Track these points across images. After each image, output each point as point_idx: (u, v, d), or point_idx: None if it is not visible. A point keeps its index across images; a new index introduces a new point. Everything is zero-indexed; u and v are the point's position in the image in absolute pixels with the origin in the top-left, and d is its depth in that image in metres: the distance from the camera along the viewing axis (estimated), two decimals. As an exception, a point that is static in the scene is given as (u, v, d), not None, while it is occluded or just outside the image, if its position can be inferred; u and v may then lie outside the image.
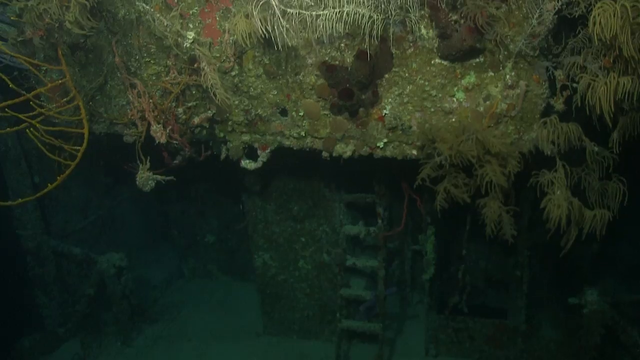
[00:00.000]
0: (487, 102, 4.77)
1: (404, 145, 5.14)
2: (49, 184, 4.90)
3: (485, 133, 4.19)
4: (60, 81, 4.82)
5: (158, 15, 4.57)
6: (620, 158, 4.47)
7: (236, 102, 5.34)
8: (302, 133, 5.33)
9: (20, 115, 4.78)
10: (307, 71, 5.02)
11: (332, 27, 4.08)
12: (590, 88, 3.80)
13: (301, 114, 5.23)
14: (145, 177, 5.47)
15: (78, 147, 4.91)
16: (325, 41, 4.48)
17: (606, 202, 4.42)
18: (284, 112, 5.33)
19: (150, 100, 5.18)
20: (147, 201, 9.09)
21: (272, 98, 5.25)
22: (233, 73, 5.17)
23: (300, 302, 7.86)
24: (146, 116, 5.18)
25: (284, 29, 3.71)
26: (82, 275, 8.32)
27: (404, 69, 4.84)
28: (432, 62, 4.77)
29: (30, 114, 4.82)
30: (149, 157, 5.42)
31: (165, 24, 4.44)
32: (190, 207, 9.43)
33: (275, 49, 4.13)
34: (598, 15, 3.56)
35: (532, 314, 7.33)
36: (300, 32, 3.96)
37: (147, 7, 4.62)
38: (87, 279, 8.19)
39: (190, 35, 4.47)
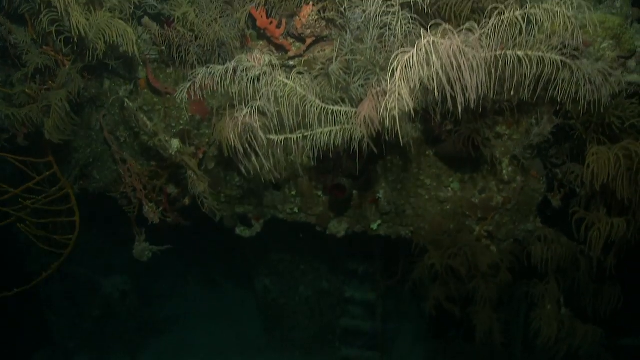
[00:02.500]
0: (483, 195, 4.65)
1: (398, 226, 5.08)
2: (43, 272, 4.93)
3: (476, 249, 4.12)
4: (48, 173, 4.71)
5: (142, 116, 4.41)
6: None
7: (228, 178, 5.24)
8: (295, 209, 5.26)
9: (9, 210, 4.74)
10: (299, 152, 4.88)
11: (321, 146, 3.93)
12: (584, 225, 3.69)
13: (293, 193, 5.14)
14: (142, 249, 5.49)
15: (70, 236, 4.89)
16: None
17: (600, 305, 4.39)
18: (276, 187, 5.24)
19: (141, 178, 5.09)
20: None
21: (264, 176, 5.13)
22: (223, 150, 5.06)
23: (302, 323, 8.04)
24: (137, 195, 5.10)
25: (268, 164, 3.58)
26: (90, 291, 8.50)
27: (398, 157, 4.71)
28: (427, 152, 4.62)
29: (19, 207, 4.76)
30: (144, 229, 5.41)
31: (148, 127, 4.29)
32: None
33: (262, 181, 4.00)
34: (592, 162, 3.42)
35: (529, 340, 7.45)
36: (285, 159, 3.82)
37: (132, 105, 4.46)
38: (94, 294, 8.38)
39: (175, 143, 4.33)
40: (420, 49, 2.81)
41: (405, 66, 2.82)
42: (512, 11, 3.12)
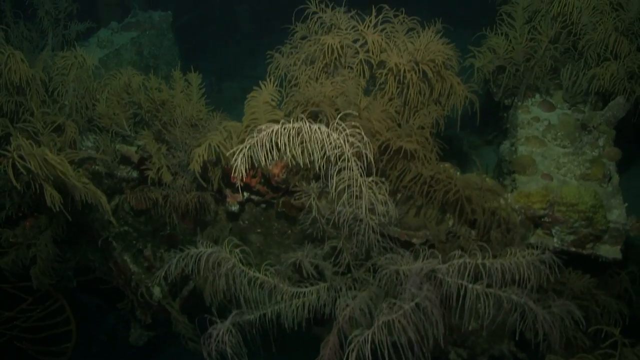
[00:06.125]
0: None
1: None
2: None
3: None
4: (41, 292, 4.93)
5: (125, 258, 4.54)
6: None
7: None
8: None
9: (3, 330, 5.02)
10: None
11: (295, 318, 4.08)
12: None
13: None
14: (138, 335, 5.80)
15: (68, 344, 5.18)
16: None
17: None
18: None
19: (130, 283, 5.29)
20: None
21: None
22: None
23: None
24: (130, 297, 5.33)
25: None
26: (97, 317, 8.91)
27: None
28: (405, 281, 4.73)
29: (13, 325, 5.03)
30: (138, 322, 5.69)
31: (132, 271, 4.43)
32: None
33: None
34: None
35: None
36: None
37: (117, 246, 4.58)
38: (100, 321, 8.79)
39: (157, 291, 4.48)
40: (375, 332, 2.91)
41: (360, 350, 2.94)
42: (475, 260, 3.16)
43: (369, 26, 3.99)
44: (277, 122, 4.00)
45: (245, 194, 4.64)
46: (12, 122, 4.66)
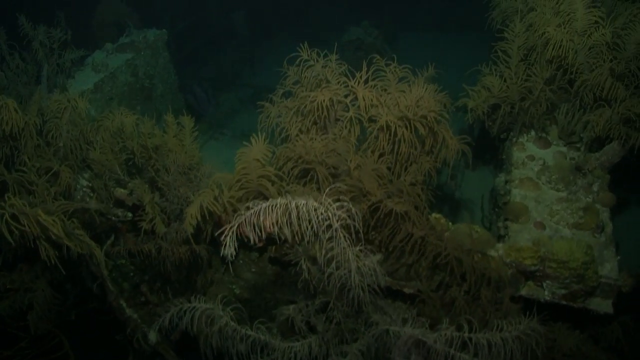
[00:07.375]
0: None
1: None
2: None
3: None
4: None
5: (122, 302, 4.59)
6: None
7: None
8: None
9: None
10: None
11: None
12: None
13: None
14: (135, 365, 5.89)
15: (67, 377, 5.25)
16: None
17: None
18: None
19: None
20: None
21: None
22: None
23: None
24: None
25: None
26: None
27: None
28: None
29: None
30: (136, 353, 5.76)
31: (126, 312, 4.49)
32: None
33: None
34: None
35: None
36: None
37: (114, 289, 4.63)
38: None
39: (153, 336, 4.54)
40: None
41: None
42: (462, 333, 3.19)
43: (359, 82, 3.96)
44: (267, 177, 4.07)
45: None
46: (8, 166, 4.69)
